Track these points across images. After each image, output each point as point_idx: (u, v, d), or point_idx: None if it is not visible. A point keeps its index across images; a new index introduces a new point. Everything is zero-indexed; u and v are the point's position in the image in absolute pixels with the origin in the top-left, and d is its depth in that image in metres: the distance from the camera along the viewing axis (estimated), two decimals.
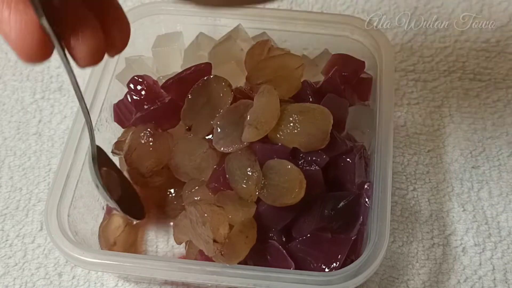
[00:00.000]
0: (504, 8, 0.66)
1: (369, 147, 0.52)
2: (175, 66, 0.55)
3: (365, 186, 0.48)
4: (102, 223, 0.52)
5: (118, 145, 0.52)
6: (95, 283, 0.51)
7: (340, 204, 0.46)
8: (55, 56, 0.64)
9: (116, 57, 0.55)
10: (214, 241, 0.42)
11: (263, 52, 0.52)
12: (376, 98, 0.52)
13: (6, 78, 0.64)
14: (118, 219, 0.52)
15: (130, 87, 0.52)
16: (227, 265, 0.44)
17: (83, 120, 0.50)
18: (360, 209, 0.47)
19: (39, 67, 0.64)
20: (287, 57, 0.51)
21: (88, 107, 0.51)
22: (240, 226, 0.44)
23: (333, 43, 0.57)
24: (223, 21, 0.58)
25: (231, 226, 0.44)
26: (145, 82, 0.52)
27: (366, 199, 0.47)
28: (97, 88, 0.53)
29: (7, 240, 0.54)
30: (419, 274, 0.51)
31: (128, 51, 0.56)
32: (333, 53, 0.56)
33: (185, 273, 0.44)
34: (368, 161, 0.50)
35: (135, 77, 0.52)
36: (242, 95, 0.49)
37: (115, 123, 0.54)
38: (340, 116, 0.50)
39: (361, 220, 0.47)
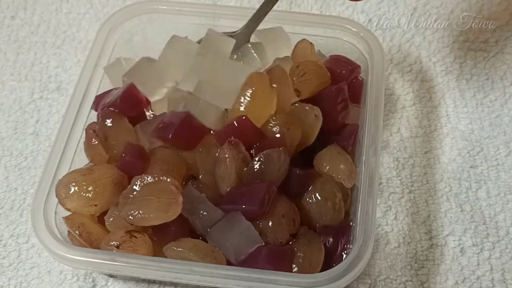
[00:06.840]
0: (504, 7, 0.66)
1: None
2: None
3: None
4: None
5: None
6: (86, 281, 0.51)
7: None
8: (54, 56, 0.65)
9: (108, 54, 0.55)
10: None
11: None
12: (367, 100, 0.52)
13: (4, 78, 0.64)
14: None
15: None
16: (216, 265, 0.43)
17: (72, 118, 0.51)
18: None
19: (37, 67, 0.64)
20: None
21: (79, 102, 0.51)
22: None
23: (326, 44, 0.57)
24: (223, 22, 0.58)
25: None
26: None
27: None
28: (89, 83, 0.53)
29: (1, 240, 0.54)
30: (417, 275, 0.51)
31: (124, 48, 0.57)
32: (326, 54, 0.57)
33: (176, 273, 0.43)
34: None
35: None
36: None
37: None
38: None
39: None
